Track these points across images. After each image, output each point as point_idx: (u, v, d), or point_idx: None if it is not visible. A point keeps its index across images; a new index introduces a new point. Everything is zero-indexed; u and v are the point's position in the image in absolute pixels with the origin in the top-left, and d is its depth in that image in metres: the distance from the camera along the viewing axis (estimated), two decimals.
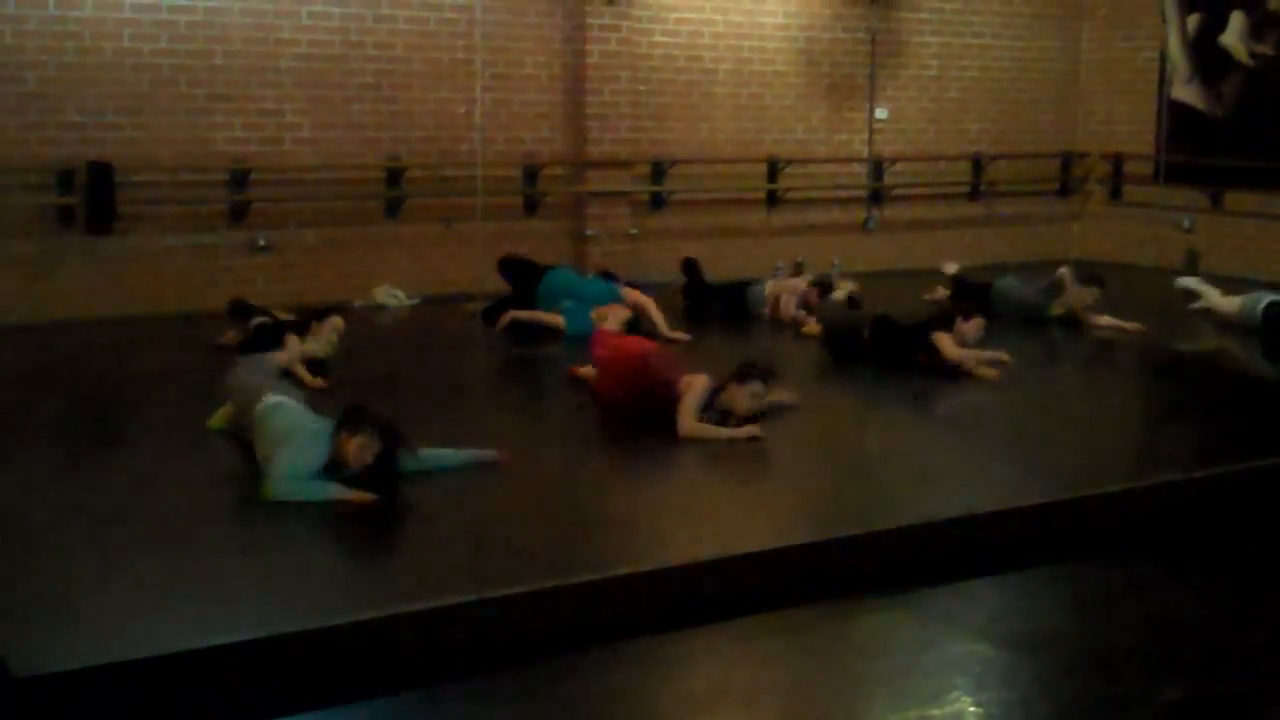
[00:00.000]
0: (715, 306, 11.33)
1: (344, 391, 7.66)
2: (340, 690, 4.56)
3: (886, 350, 9.07)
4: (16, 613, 4.68)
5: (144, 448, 7.04)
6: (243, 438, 6.66)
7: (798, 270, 12.64)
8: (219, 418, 7.12)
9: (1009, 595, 5.65)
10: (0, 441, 7.10)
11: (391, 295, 11.67)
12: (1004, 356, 9.02)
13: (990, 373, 8.79)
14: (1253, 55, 14.00)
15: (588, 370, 8.40)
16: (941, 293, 11.74)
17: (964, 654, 5.00)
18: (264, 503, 5.95)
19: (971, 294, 11.03)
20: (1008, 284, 11.34)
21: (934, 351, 8.85)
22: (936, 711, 4.48)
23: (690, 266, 11.67)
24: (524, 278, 10.54)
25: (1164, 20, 14.70)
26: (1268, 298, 10.68)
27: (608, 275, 10.93)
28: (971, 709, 4.54)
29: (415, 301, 11.63)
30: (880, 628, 5.26)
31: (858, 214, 14.35)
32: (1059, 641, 5.15)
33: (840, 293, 10.90)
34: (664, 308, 10.42)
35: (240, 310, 9.30)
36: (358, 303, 11.50)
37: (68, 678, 4.23)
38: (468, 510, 6.06)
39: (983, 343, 9.20)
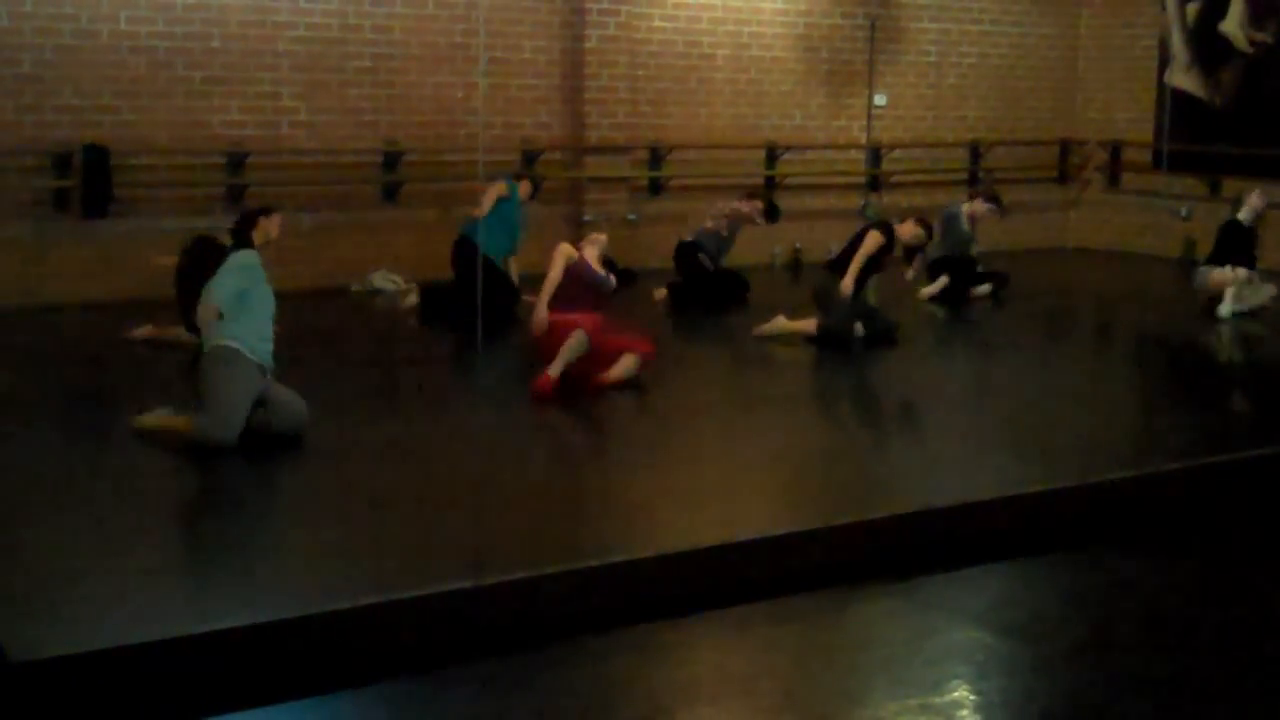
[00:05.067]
0: (711, 288, 11.31)
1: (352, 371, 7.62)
2: (338, 676, 4.54)
3: None
4: (15, 598, 4.66)
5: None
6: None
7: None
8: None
9: (1009, 583, 5.64)
10: None
11: (388, 280, 11.63)
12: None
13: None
14: (1252, 43, 13.97)
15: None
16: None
17: (964, 642, 5.00)
18: (258, 489, 5.92)
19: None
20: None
21: None
22: (937, 699, 4.47)
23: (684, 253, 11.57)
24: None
25: (1163, 7, 14.65)
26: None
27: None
28: (972, 697, 4.53)
29: (412, 286, 11.59)
30: (880, 615, 5.25)
31: (856, 200, 14.31)
32: (1059, 629, 5.14)
33: None
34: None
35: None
36: (354, 288, 11.48)
37: (65, 662, 4.21)
38: (464, 496, 6.05)
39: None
